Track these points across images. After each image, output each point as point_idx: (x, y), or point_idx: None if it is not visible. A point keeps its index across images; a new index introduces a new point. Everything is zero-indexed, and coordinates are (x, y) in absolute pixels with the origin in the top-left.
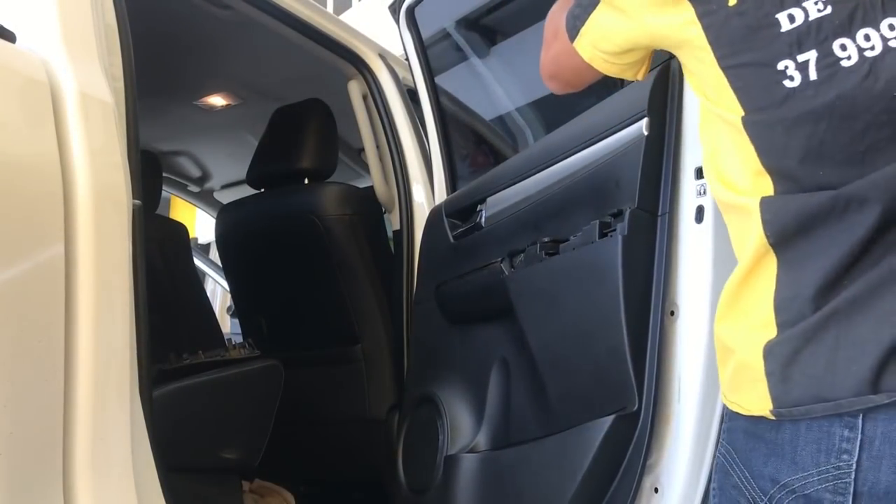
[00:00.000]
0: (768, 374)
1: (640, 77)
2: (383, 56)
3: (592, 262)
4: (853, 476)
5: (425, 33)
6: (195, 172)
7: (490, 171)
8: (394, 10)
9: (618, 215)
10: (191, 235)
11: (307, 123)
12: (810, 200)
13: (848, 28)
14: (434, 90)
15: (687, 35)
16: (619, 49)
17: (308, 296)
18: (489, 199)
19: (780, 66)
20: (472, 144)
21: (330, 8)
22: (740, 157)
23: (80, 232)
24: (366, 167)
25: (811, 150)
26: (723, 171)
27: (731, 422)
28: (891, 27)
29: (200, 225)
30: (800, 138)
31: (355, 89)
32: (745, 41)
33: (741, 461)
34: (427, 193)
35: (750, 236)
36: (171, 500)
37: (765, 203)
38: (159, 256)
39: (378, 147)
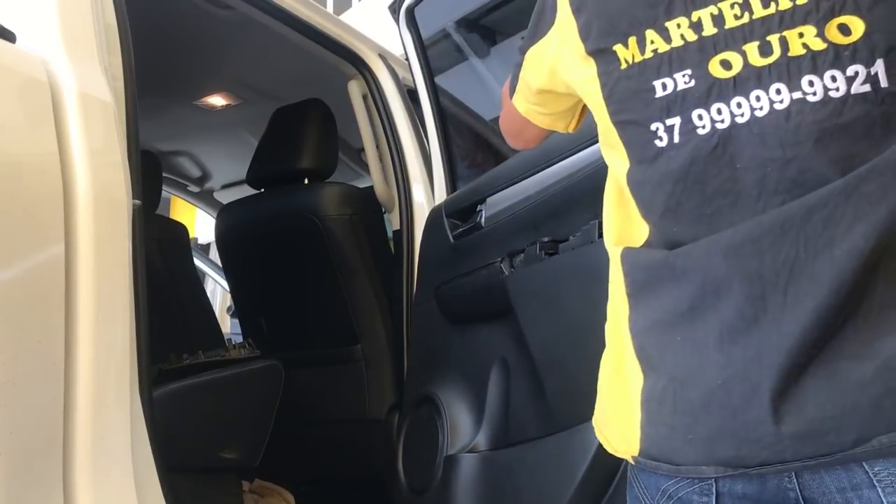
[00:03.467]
0: (641, 426)
1: (571, 129)
2: (383, 56)
3: (592, 262)
4: (713, 480)
5: (425, 33)
6: (195, 172)
7: (490, 172)
8: (394, 10)
9: None
10: (191, 235)
11: (307, 123)
12: (652, 257)
13: (705, 101)
14: (434, 90)
15: (590, 89)
16: (543, 98)
17: (308, 296)
18: (489, 200)
19: (653, 127)
20: (472, 144)
21: (330, 8)
22: (627, 209)
23: (80, 232)
24: (366, 167)
25: (669, 207)
26: (613, 225)
27: None
28: (738, 105)
29: (200, 225)
30: (661, 196)
31: (355, 89)
32: (629, 101)
33: (638, 473)
34: (427, 193)
35: (616, 283)
36: (171, 500)
37: (624, 254)
38: (159, 256)
39: (378, 147)
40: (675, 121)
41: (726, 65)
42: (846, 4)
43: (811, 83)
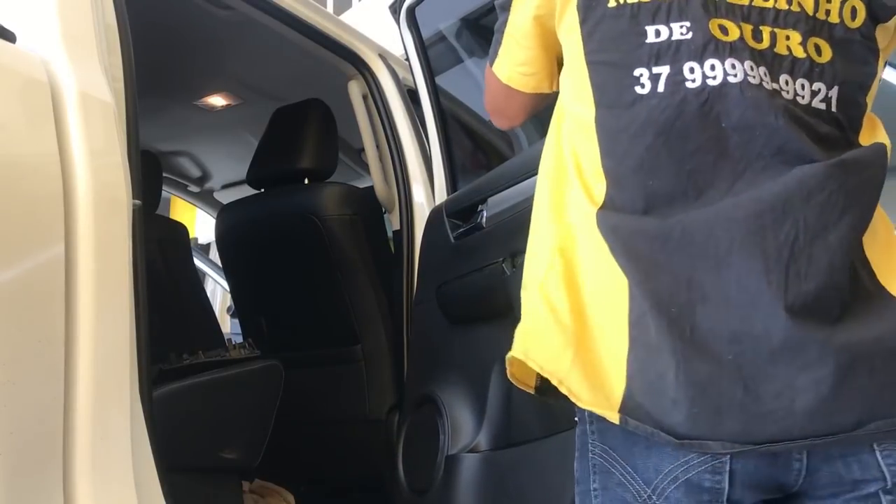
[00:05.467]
0: (630, 391)
1: (556, 87)
2: (383, 56)
3: None
4: (728, 456)
5: (425, 33)
6: (195, 172)
7: (491, 172)
8: (394, 10)
9: None
10: (191, 235)
11: (307, 123)
12: (640, 225)
13: (700, 55)
14: (434, 90)
15: (566, 22)
16: (529, 55)
17: (308, 296)
18: (490, 200)
19: (637, 72)
20: (472, 144)
21: (330, 8)
22: (588, 160)
23: (80, 232)
24: (366, 167)
25: (647, 160)
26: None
27: (601, 423)
28: (732, 66)
29: (200, 225)
30: (640, 148)
31: (355, 89)
32: (612, 42)
33: (622, 458)
34: (427, 193)
35: (589, 240)
36: (171, 500)
37: (601, 218)
38: (159, 256)
39: (378, 147)
40: (664, 70)
41: (724, 30)
42: (824, 29)
43: (787, 82)
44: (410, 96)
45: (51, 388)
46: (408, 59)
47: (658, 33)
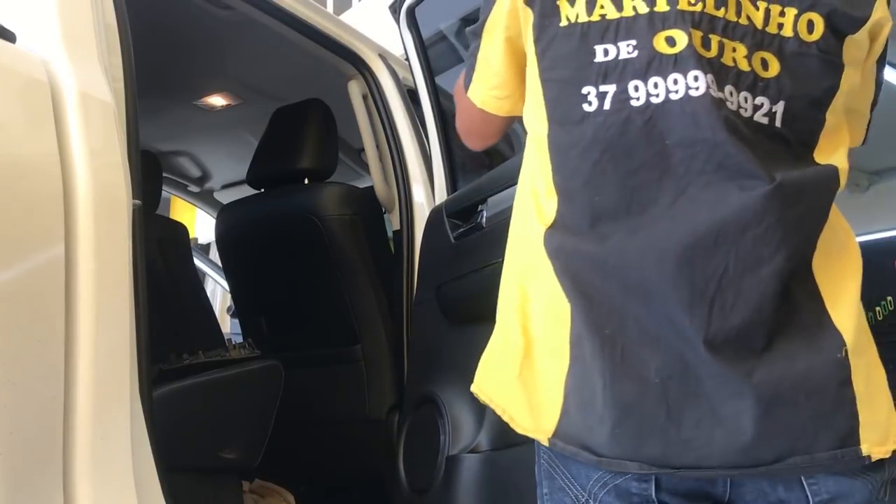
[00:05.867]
0: (563, 410)
1: None
2: (383, 56)
3: None
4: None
5: (425, 33)
6: (195, 172)
7: (491, 172)
8: (394, 10)
9: None
10: (191, 235)
11: (307, 123)
12: (582, 248)
13: (644, 73)
14: (434, 90)
15: (527, 44)
16: (502, 79)
17: (308, 296)
18: (490, 200)
19: (585, 90)
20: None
21: (330, 8)
22: (542, 176)
23: (81, 232)
24: (366, 167)
25: (594, 176)
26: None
27: None
28: (675, 81)
29: (200, 225)
30: (588, 163)
31: (355, 89)
32: (563, 59)
33: (562, 465)
34: (427, 193)
35: (539, 261)
36: (171, 500)
37: (548, 238)
38: (159, 256)
39: (378, 147)
40: (610, 88)
41: (671, 41)
42: (773, 43)
43: (731, 93)
44: (410, 96)
45: (51, 388)
46: (408, 59)
47: (606, 52)
